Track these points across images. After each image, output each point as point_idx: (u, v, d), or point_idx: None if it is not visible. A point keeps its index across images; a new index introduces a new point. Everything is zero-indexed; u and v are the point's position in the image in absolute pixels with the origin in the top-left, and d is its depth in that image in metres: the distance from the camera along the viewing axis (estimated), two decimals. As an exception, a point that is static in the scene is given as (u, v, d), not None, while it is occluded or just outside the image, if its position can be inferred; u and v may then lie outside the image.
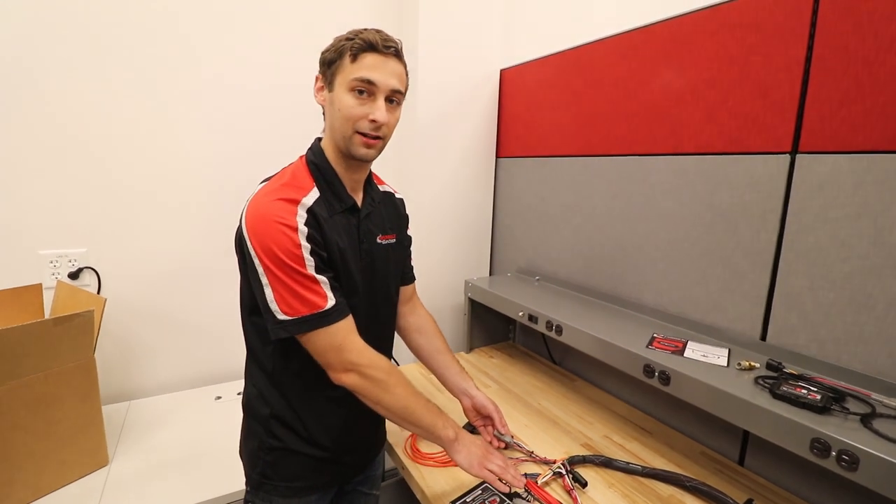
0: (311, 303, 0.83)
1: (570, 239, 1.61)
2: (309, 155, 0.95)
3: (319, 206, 0.87)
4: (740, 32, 1.07)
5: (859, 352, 0.93)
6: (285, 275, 0.82)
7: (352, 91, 0.85)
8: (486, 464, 0.94)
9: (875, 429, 0.78)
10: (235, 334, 1.71)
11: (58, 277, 1.42)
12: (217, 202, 1.62)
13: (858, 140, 0.90)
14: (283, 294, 0.82)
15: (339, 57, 0.86)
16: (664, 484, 1.06)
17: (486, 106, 1.88)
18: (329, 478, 1.01)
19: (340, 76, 0.86)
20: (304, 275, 0.82)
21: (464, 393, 1.17)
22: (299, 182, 0.89)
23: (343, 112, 0.86)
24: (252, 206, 0.85)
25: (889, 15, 0.85)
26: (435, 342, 1.20)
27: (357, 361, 0.86)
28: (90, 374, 1.16)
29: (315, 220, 0.85)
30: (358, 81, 0.85)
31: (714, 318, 1.18)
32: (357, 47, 0.84)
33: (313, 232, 0.84)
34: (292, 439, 0.95)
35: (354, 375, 0.86)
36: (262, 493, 0.96)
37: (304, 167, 0.92)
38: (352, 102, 0.86)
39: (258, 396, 0.96)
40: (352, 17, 1.76)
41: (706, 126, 1.15)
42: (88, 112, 1.41)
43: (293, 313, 0.83)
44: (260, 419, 0.96)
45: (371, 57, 0.85)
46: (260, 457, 0.95)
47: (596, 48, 1.45)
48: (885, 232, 0.88)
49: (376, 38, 0.85)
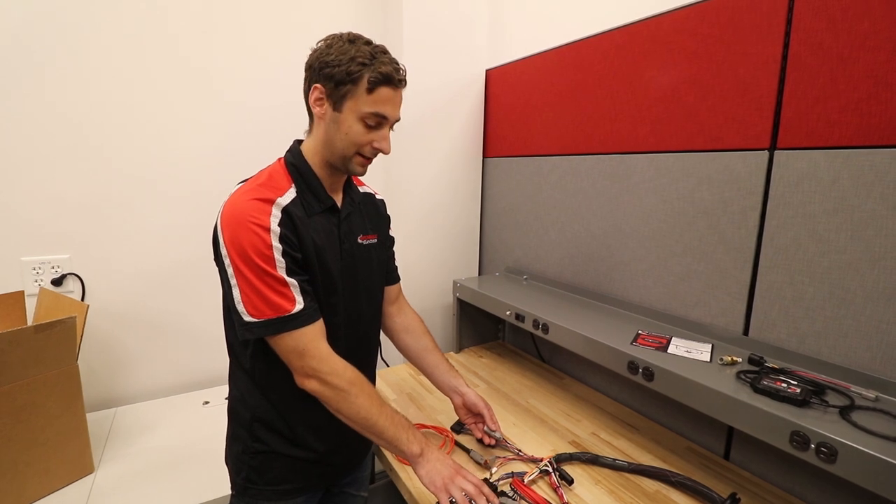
0: (277, 305, 0.83)
1: (557, 238, 1.61)
2: (288, 157, 0.94)
3: (296, 206, 0.87)
4: (718, 31, 1.09)
5: (839, 345, 0.94)
6: (254, 275, 0.81)
7: (362, 121, 0.87)
8: (453, 485, 0.88)
9: (853, 421, 0.79)
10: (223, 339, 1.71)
11: (41, 284, 1.41)
12: (201, 207, 1.60)
13: (834, 136, 0.92)
14: (249, 295, 0.82)
15: (351, 82, 0.85)
16: (650, 480, 1.07)
17: (472, 106, 1.89)
18: (315, 479, 1.01)
19: (352, 103, 0.86)
20: (273, 276, 0.82)
21: (454, 391, 1.17)
22: (276, 182, 0.88)
23: (350, 138, 0.88)
24: (227, 205, 0.85)
25: (861, 12, 0.86)
26: (423, 341, 1.20)
27: (318, 368, 0.86)
28: (74, 382, 1.15)
29: (290, 220, 0.85)
30: (372, 116, 0.87)
31: (698, 313, 1.19)
32: (375, 80, 0.85)
33: (287, 232, 0.84)
34: (276, 442, 0.94)
35: (315, 382, 0.86)
36: (248, 497, 0.96)
37: (283, 168, 0.92)
38: (360, 131, 0.88)
39: (240, 400, 0.96)
40: (335, 19, 1.76)
41: (687, 124, 1.16)
42: (70, 118, 1.39)
43: (259, 315, 0.83)
44: (243, 423, 0.95)
45: (386, 91, 0.86)
46: (244, 461, 0.95)
47: (578, 48, 1.46)
48: (862, 226, 0.89)
49: (391, 71, 0.86)
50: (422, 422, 1.28)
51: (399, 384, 1.55)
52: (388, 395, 1.46)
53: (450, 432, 1.23)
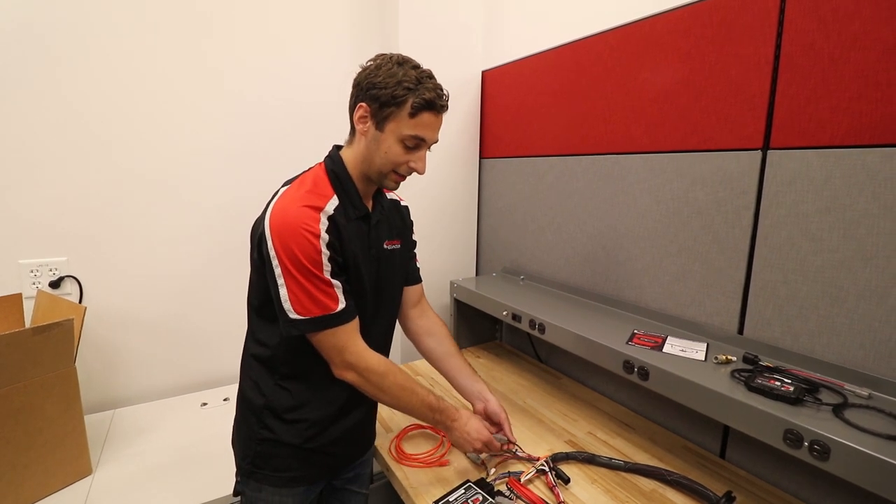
0: (324, 305, 0.89)
1: (554, 238, 1.62)
2: (328, 163, 0.98)
3: (339, 213, 0.92)
4: (711, 32, 1.09)
5: (832, 343, 0.95)
6: (304, 277, 0.87)
7: (402, 143, 0.92)
8: (473, 444, 1.06)
9: (846, 419, 0.80)
10: (221, 340, 1.72)
11: (38, 287, 1.41)
12: (199, 209, 1.61)
13: (826, 135, 0.92)
14: (298, 295, 0.87)
15: (395, 105, 0.89)
16: (646, 478, 1.07)
17: (468, 107, 1.90)
18: (319, 470, 1.03)
19: (394, 124, 0.90)
20: (321, 279, 0.88)
21: (478, 397, 1.18)
22: (321, 190, 0.93)
23: (389, 157, 0.93)
24: (277, 209, 0.89)
25: (851, 13, 0.87)
26: (446, 345, 1.21)
27: (356, 363, 0.93)
28: (71, 384, 1.15)
29: (335, 227, 0.90)
30: (412, 139, 0.91)
31: (693, 313, 1.20)
32: (418, 106, 0.89)
33: (333, 238, 0.89)
34: (283, 430, 0.97)
35: (353, 374, 0.94)
36: (253, 482, 0.99)
37: (325, 175, 0.96)
38: (399, 152, 0.92)
39: (254, 388, 0.99)
40: (332, 20, 1.76)
41: (680, 124, 1.17)
42: (66, 121, 1.40)
43: (305, 313, 0.88)
44: (254, 410, 0.99)
45: (428, 116, 0.91)
46: (251, 447, 0.98)
47: (572, 49, 1.47)
48: (854, 225, 0.90)
49: (435, 97, 0.90)
50: (419, 422, 1.28)
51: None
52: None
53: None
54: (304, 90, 1.75)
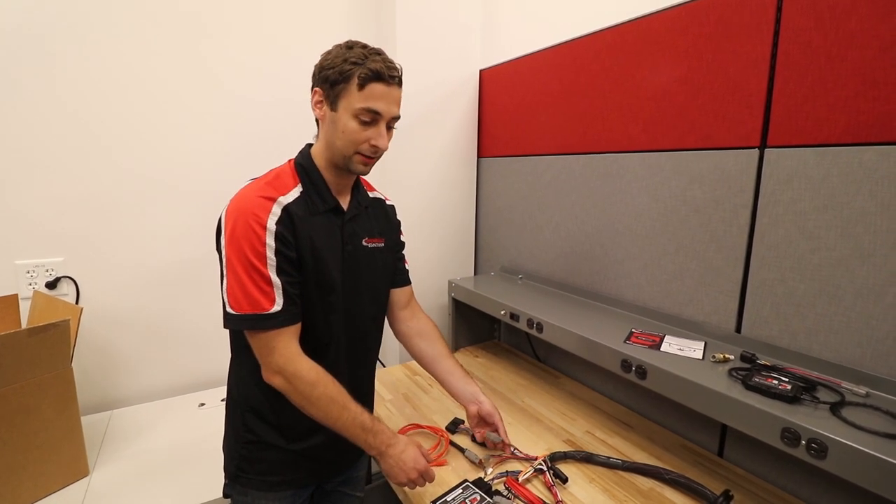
0: (256, 302, 0.86)
1: (552, 237, 1.62)
2: (298, 158, 0.98)
3: (298, 205, 0.90)
4: (709, 30, 1.09)
5: (830, 341, 0.95)
6: (244, 271, 0.85)
7: (356, 118, 0.89)
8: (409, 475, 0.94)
9: (843, 417, 0.80)
10: (218, 340, 1.70)
11: (35, 287, 1.40)
12: (195, 209, 1.60)
13: (823, 133, 0.92)
14: (234, 288, 0.86)
15: (343, 80, 0.88)
16: (644, 477, 1.07)
17: (466, 106, 1.89)
18: (305, 474, 1.02)
19: (345, 101, 0.89)
20: (261, 274, 0.85)
21: (472, 400, 1.14)
22: (282, 181, 0.92)
23: (347, 136, 0.90)
24: (233, 200, 0.89)
25: (848, 10, 0.87)
26: (437, 346, 1.18)
27: (284, 367, 0.88)
28: (68, 385, 1.14)
29: (289, 218, 0.88)
30: (364, 111, 0.89)
31: (691, 311, 1.20)
32: (365, 76, 0.87)
33: (283, 231, 0.87)
34: (267, 433, 0.96)
35: (280, 379, 0.88)
36: (239, 485, 0.98)
37: (291, 169, 0.96)
38: (356, 128, 0.90)
39: (237, 390, 0.99)
40: (329, 19, 1.76)
41: (678, 123, 1.17)
42: (63, 121, 1.39)
43: (238, 309, 0.86)
44: (238, 412, 0.98)
45: (377, 86, 0.88)
46: (236, 449, 0.98)
47: (570, 48, 1.47)
48: (851, 223, 0.90)
49: (382, 68, 0.88)
50: (417, 422, 1.28)
51: (395, 384, 1.55)
52: (385, 395, 1.46)
53: (445, 432, 1.23)
54: (302, 90, 1.72)
